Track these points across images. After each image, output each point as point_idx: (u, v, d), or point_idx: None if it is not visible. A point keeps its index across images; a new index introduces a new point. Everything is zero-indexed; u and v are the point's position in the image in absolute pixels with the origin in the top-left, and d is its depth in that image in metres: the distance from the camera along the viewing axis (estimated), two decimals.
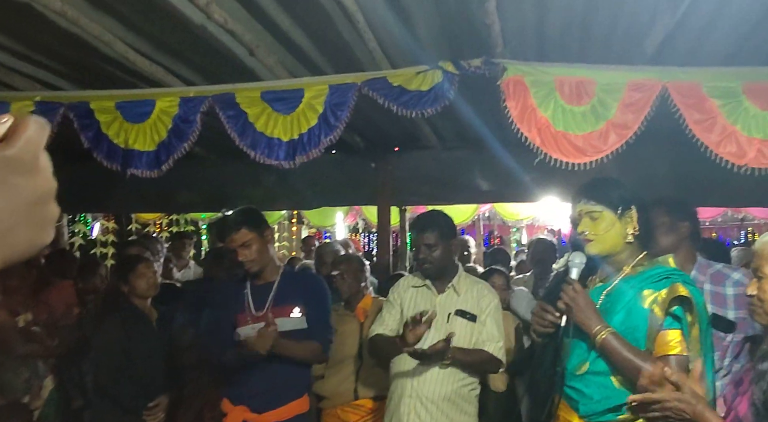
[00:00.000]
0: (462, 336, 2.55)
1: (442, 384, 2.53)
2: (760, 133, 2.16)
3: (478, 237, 7.81)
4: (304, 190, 4.16)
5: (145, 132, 2.58)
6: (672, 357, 1.76)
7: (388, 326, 2.69)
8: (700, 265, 2.44)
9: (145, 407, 2.91)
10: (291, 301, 2.54)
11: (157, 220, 6.13)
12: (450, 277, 2.66)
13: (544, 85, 2.38)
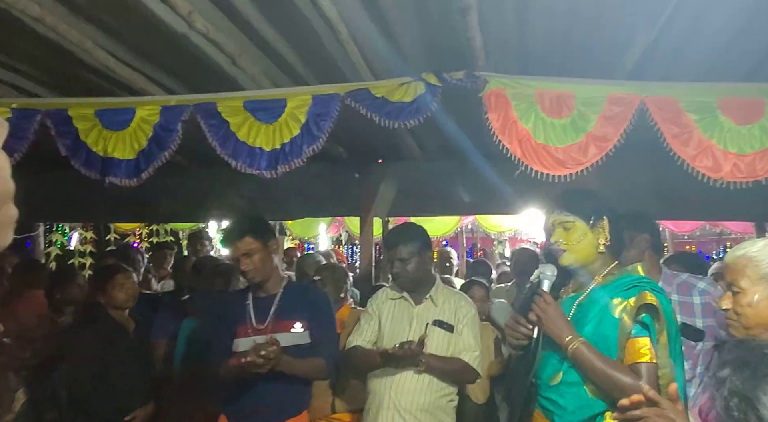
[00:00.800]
0: (439, 346, 2.55)
1: (420, 394, 2.52)
2: (735, 147, 2.20)
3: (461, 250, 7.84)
4: (286, 201, 4.14)
5: (124, 140, 2.54)
6: (642, 365, 1.78)
7: (366, 338, 2.68)
8: (666, 276, 2.48)
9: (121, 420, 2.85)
10: (294, 316, 2.49)
11: (137, 231, 6.04)
12: (427, 288, 2.66)
13: (525, 97, 2.40)
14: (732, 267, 1.47)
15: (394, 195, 4.10)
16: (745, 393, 1.08)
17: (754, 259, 1.42)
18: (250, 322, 2.49)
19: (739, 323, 1.45)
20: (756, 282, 1.41)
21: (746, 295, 1.42)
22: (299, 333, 2.48)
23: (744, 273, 1.43)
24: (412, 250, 2.59)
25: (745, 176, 2.18)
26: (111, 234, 5.11)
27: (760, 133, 2.16)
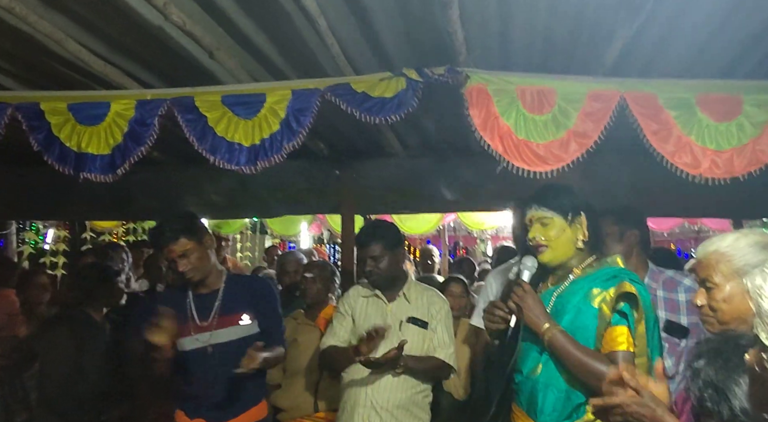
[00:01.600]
0: (414, 343, 2.55)
1: (395, 391, 2.52)
2: (713, 143, 2.22)
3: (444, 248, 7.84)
4: (266, 198, 4.09)
5: (99, 135, 2.48)
6: (618, 353, 1.80)
7: (340, 337, 2.67)
8: (652, 272, 2.49)
9: (97, 420, 2.81)
10: (239, 308, 2.47)
11: (114, 229, 5.92)
12: (400, 285, 2.66)
13: (506, 93, 2.40)
14: (704, 263, 1.46)
15: (376, 192, 4.08)
16: (718, 383, 1.08)
17: (727, 255, 1.42)
18: (192, 321, 2.45)
19: (714, 318, 1.45)
20: (729, 277, 1.41)
21: (721, 291, 1.43)
22: (248, 325, 2.46)
23: (717, 269, 1.43)
24: (383, 248, 2.58)
25: (723, 172, 2.20)
26: (86, 233, 5.00)
27: (737, 130, 2.18)
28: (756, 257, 1.37)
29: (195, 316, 2.46)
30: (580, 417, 1.85)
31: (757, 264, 1.35)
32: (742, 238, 1.43)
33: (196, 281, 2.45)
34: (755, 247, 1.40)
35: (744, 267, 1.39)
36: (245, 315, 2.46)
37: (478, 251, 9.74)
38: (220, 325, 2.43)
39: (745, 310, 1.39)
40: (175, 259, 2.39)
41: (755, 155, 2.16)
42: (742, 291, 1.39)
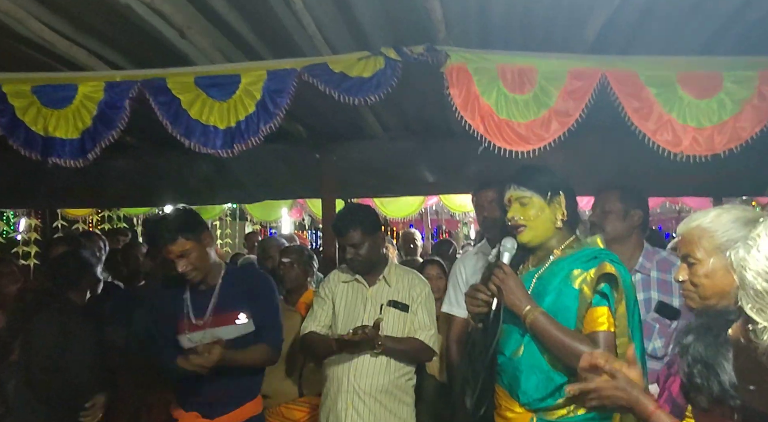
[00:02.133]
0: (395, 326, 2.54)
1: (378, 376, 2.50)
2: (693, 121, 2.21)
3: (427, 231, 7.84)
4: (245, 183, 4.02)
5: (67, 118, 2.39)
6: (599, 333, 1.81)
7: (321, 322, 2.64)
8: (647, 252, 2.49)
9: (80, 407, 2.76)
10: (235, 306, 2.40)
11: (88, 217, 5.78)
12: (380, 269, 2.64)
13: (486, 72, 2.36)
14: (687, 238, 1.46)
15: (357, 175, 4.03)
16: (707, 359, 1.07)
17: (709, 230, 1.41)
18: (188, 318, 2.40)
19: (696, 294, 1.45)
20: (711, 252, 1.41)
21: (702, 266, 1.42)
22: (244, 324, 2.41)
23: (699, 245, 1.42)
24: (362, 234, 2.54)
25: (704, 150, 2.20)
26: (58, 221, 4.86)
27: (717, 107, 2.18)
28: (738, 232, 1.36)
29: (191, 313, 2.39)
30: (562, 396, 1.85)
31: (739, 239, 1.34)
32: (724, 214, 1.42)
33: (201, 277, 2.38)
34: (737, 223, 1.39)
35: (726, 242, 1.38)
36: (242, 313, 2.39)
37: (460, 234, 9.77)
38: (215, 323, 2.37)
39: (727, 286, 1.39)
40: (174, 260, 2.31)
41: (735, 132, 2.16)
42: (724, 266, 1.38)
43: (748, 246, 0.72)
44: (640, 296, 2.42)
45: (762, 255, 0.70)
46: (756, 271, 0.70)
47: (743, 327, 0.71)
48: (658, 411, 1.34)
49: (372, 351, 2.47)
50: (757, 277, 0.70)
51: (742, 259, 0.72)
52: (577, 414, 1.84)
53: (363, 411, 2.48)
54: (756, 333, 0.69)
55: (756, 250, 0.71)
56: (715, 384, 1.04)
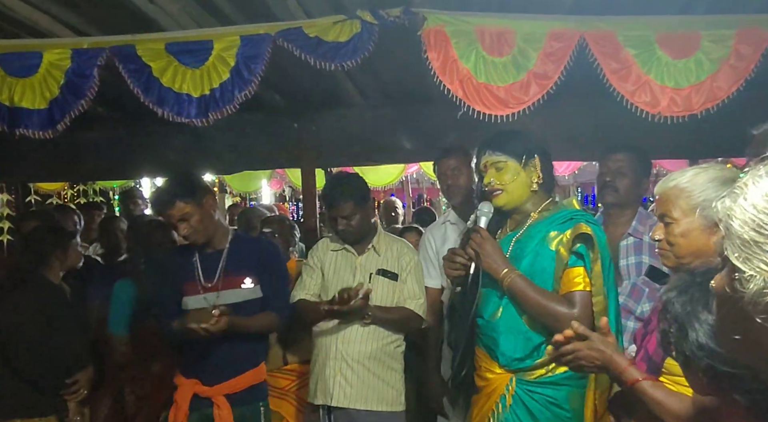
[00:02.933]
0: (384, 295, 2.55)
1: (366, 343, 2.52)
2: (671, 81, 2.21)
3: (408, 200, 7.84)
4: (222, 154, 3.95)
5: (33, 88, 2.31)
6: (576, 293, 1.85)
7: (310, 291, 2.65)
8: (640, 216, 2.52)
9: (63, 385, 2.74)
10: (243, 270, 2.42)
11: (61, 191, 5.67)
12: (369, 238, 2.64)
13: (465, 35, 2.33)
14: (664, 198, 1.47)
15: (336, 144, 3.98)
16: (680, 319, 1.09)
17: (686, 190, 1.42)
18: (198, 280, 2.42)
19: (671, 253, 1.47)
20: (688, 212, 1.42)
21: (679, 225, 1.43)
22: (250, 289, 2.42)
23: (676, 204, 1.43)
24: (354, 205, 2.53)
25: (682, 110, 2.20)
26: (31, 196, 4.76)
27: (695, 67, 2.17)
28: (715, 192, 1.38)
29: (201, 276, 2.41)
30: (541, 356, 1.89)
31: (716, 199, 1.36)
32: (702, 173, 1.43)
33: (203, 241, 2.39)
34: (714, 182, 1.40)
35: (703, 202, 1.39)
36: (248, 278, 2.41)
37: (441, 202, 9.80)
38: (225, 286, 2.39)
39: (702, 245, 1.41)
40: (175, 224, 2.33)
41: (712, 92, 2.16)
42: (700, 226, 1.40)
43: (735, 196, 0.72)
44: (632, 260, 2.45)
45: (749, 204, 0.70)
46: (743, 220, 0.70)
47: (729, 277, 0.72)
48: (630, 368, 1.38)
49: (361, 322, 2.48)
50: (743, 226, 0.70)
51: (729, 209, 0.72)
52: (556, 373, 1.89)
53: (351, 377, 2.51)
54: (741, 282, 0.69)
55: (743, 199, 0.71)
56: (686, 343, 1.06)
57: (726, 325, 0.77)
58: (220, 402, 2.38)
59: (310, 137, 3.83)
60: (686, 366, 1.10)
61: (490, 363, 1.96)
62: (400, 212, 5.52)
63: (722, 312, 0.76)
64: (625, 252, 2.46)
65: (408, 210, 7.24)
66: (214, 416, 2.38)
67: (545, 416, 1.88)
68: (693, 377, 1.10)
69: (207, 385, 2.40)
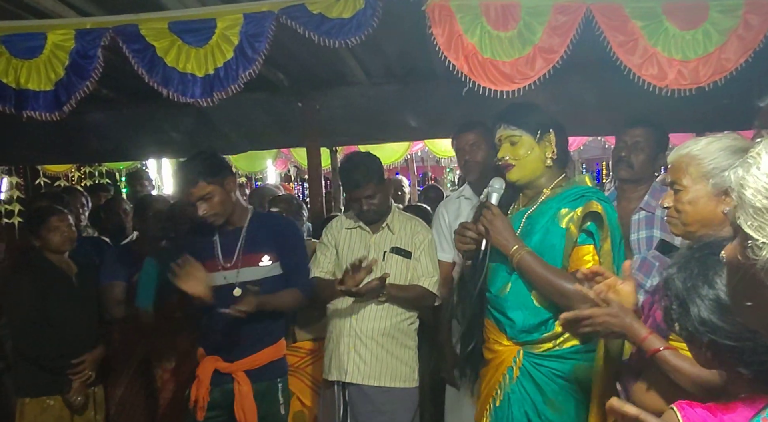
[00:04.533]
0: (398, 273, 2.56)
1: (380, 320, 2.55)
2: (679, 53, 2.18)
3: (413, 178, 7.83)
4: (227, 134, 3.96)
5: (38, 69, 2.31)
6: (580, 270, 1.83)
7: (324, 268, 2.66)
8: (653, 190, 2.51)
9: (69, 366, 2.78)
10: (261, 248, 2.44)
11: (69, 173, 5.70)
12: (384, 217, 2.64)
13: (469, 9, 2.30)
14: (675, 165, 1.47)
15: (341, 123, 3.98)
16: (682, 295, 1.10)
17: (697, 158, 1.42)
18: (218, 258, 2.45)
19: (678, 220, 1.47)
20: (697, 180, 1.42)
21: (687, 193, 1.44)
22: (268, 266, 2.45)
23: (687, 172, 1.43)
24: (375, 185, 2.55)
25: (689, 83, 2.18)
26: (40, 179, 4.79)
27: (703, 38, 2.14)
28: (725, 161, 1.38)
29: (220, 254, 2.44)
30: (549, 331, 1.91)
31: (726, 167, 1.36)
32: (715, 142, 1.43)
33: (222, 220, 2.42)
34: (726, 151, 1.40)
35: (713, 170, 1.40)
36: (266, 256, 2.43)
37: (445, 180, 9.79)
38: (245, 264, 2.42)
39: (709, 213, 1.42)
40: (195, 203, 2.35)
41: (720, 63, 2.14)
42: (708, 194, 1.40)
43: (748, 165, 0.73)
44: (642, 234, 2.45)
45: (762, 173, 0.71)
46: (755, 189, 0.71)
47: (741, 246, 0.73)
48: (651, 336, 1.37)
49: (376, 300, 2.50)
50: (756, 195, 0.71)
51: (742, 178, 0.73)
52: (563, 347, 1.91)
53: (365, 354, 2.54)
54: (753, 249, 0.71)
55: (756, 168, 0.72)
56: (688, 320, 1.07)
57: (738, 293, 0.78)
58: (240, 378, 2.42)
59: (315, 116, 3.83)
60: (690, 341, 1.11)
61: (498, 335, 1.99)
62: (407, 191, 5.52)
63: (734, 280, 0.77)
64: (636, 226, 2.46)
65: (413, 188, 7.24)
66: (235, 391, 2.42)
67: (551, 388, 1.91)
68: (697, 351, 1.11)
69: (228, 361, 2.44)
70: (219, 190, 2.36)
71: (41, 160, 4.46)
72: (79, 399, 2.81)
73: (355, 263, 2.36)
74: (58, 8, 2.36)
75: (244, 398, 2.40)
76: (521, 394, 1.93)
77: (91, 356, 2.86)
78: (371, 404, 2.54)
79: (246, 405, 2.40)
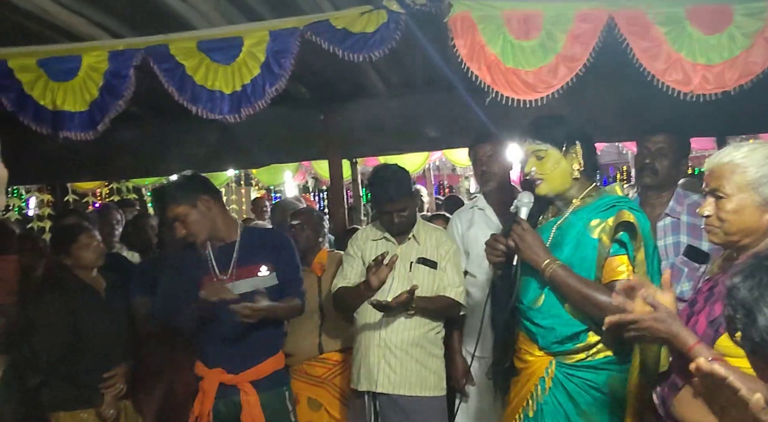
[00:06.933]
0: (425, 283, 2.57)
1: (408, 330, 2.56)
2: (703, 58, 2.18)
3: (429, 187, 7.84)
4: (250, 148, 4.02)
5: (74, 91, 2.39)
6: (619, 282, 1.77)
7: (351, 280, 2.68)
8: (677, 196, 2.49)
9: (101, 379, 2.82)
10: (257, 260, 2.46)
11: (97, 190, 5.81)
12: (410, 227, 2.65)
13: (491, 20, 2.33)
14: (717, 172, 1.45)
15: (361, 135, 4.02)
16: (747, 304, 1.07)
17: (741, 166, 1.41)
18: (213, 272, 2.46)
19: (720, 229, 1.45)
20: (742, 188, 1.40)
21: (731, 201, 1.42)
22: (267, 276, 2.46)
23: (730, 179, 1.42)
24: (407, 198, 2.57)
25: (714, 87, 2.18)
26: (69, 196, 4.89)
27: (728, 42, 2.14)
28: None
29: (215, 268, 2.47)
30: (582, 341, 1.90)
31: None
32: (759, 149, 1.41)
33: (203, 239, 2.44)
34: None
35: (759, 178, 1.38)
36: (263, 266, 2.45)
37: (461, 189, 9.79)
38: (239, 276, 2.43)
39: (754, 223, 1.40)
40: (172, 224, 2.41)
41: (747, 67, 2.13)
42: (754, 202, 1.39)
43: None
44: (669, 240, 2.43)
45: None
46: None
47: None
48: (699, 346, 1.33)
49: (405, 313, 2.52)
50: None
51: None
52: (596, 358, 1.89)
53: (395, 364, 2.54)
54: None
55: None
56: (755, 330, 1.04)
57: None
58: (246, 389, 2.43)
59: (336, 128, 3.87)
60: (754, 353, 1.06)
61: (529, 345, 1.98)
62: (426, 200, 5.55)
63: None
64: (662, 232, 2.45)
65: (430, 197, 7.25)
66: (242, 402, 2.42)
67: (585, 399, 1.89)
68: (760, 363, 1.06)
69: (232, 373, 2.44)
70: (191, 210, 2.38)
71: (73, 177, 4.56)
72: (111, 411, 2.85)
73: (377, 259, 2.37)
74: (93, 31, 2.44)
75: (252, 408, 2.40)
76: (554, 405, 1.91)
77: (122, 369, 2.90)
78: (402, 413, 2.55)
79: (255, 415, 2.40)
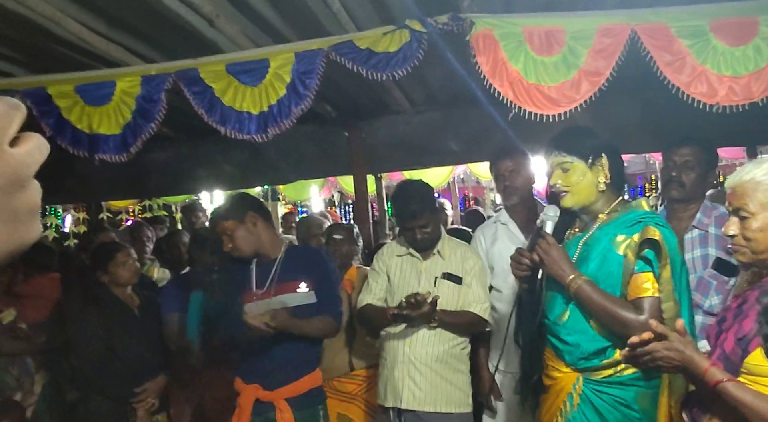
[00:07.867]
0: (449, 298, 2.56)
1: (433, 346, 2.55)
2: (729, 70, 2.16)
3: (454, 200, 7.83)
4: (278, 165, 4.09)
5: (108, 115, 2.48)
6: (644, 299, 1.80)
7: (376, 295, 2.68)
8: (705, 208, 2.45)
9: (133, 395, 2.89)
10: (296, 276, 2.49)
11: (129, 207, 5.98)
12: (435, 242, 2.66)
13: (513, 37, 2.35)
14: (740, 191, 1.43)
15: (386, 150, 4.06)
16: None
17: (763, 183, 1.39)
18: (251, 287, 2.51)
19: (747, 248, 1.43)
20: (766, 206, 1.39)
21: (756, 219, 1.40)
22: (305, 293, 2.48)
23: (753, 197, 1.40)
24: (430, 214, 2.57)
25: (741, 99, 2.15)
26: (103, 213, 5.05)
27: (754, 53, 2.12)
28: None
29: (254, 283, 2.52)
30: (609, 357, 1.87)
31: None
32: None
33: (248, 254, 2.51)
34: None
35: None
36: (302, 283, 2.48)
37: (487, 201, 9.75)
38: (278, 292, 2.46)
39: None
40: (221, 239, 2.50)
41: None
42: None
43: None
44: (697, 252, 2.39)
45: None
46: None
47: None
48: (712, 368, 1.34)
49: (427, 326, 2.52)
50: None
51: None
52: (624, 374, 1.85)
53: (420, 380, 2.54)
54: None
55: None
56: None
57: None
58: (282, 406, 2.44)
59: (361, 145, 3.93)
60: None
61: (556, 362, 1.97)
62: (449, 213, 5.54)
63: None
64: (690, 245, 2.41)
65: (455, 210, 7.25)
66: (277, 419, 2.43)
67: (614, 416, 1.85)
68: None
69: (268, 390, 2.46)
70: (239, 226, 2.45)
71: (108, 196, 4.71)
72: None
73: (410, 300, 2.35)
74: (126, 57, 2.54)
75: None
76: None
77: (154, 384, 2.96)
78: None
79: None
